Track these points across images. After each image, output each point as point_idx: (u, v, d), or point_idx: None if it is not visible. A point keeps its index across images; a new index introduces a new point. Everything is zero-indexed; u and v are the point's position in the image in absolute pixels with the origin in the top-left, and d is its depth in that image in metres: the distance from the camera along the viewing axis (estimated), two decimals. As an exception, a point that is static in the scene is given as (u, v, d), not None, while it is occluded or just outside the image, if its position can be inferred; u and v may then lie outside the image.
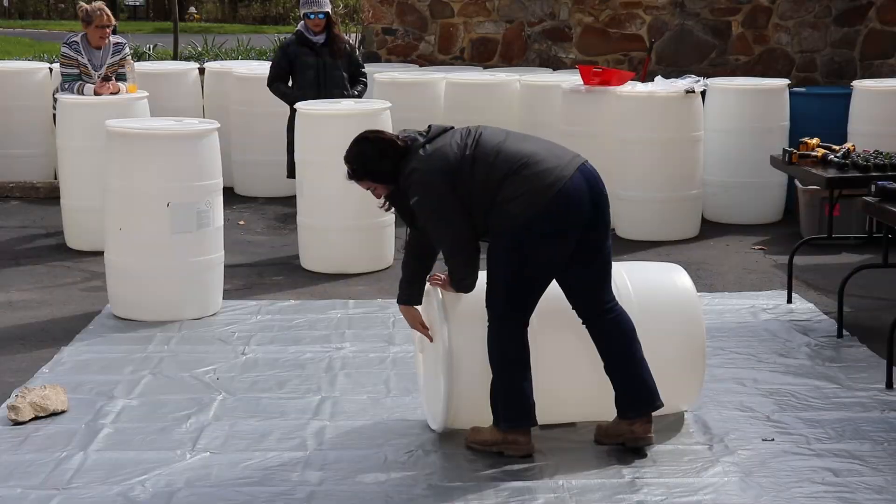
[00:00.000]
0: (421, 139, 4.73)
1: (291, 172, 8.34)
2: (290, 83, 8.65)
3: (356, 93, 8.68)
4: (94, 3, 8.45)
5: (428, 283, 4.96)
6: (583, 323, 4.76)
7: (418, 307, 4.93)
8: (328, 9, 8.65)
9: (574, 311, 4.76)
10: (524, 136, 4.85)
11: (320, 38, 8.60)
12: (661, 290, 4.99)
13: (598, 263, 4.72)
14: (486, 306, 4.68)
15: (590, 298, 4.74)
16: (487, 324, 4.68)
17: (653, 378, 4.74)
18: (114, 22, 8.52)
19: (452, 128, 4.83)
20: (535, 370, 4.74)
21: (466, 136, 4.72)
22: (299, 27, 8.73)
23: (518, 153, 4.65)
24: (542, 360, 4.76)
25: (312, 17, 8.56)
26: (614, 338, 4.74)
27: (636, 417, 4.73)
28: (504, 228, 4.61)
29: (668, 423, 5.02)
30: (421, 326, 4.95)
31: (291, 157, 8.31)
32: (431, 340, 4.94)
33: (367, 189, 4.89)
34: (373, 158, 4.77)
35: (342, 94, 8.51)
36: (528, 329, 4.71)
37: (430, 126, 4.82)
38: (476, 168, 4.63)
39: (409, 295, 4.92)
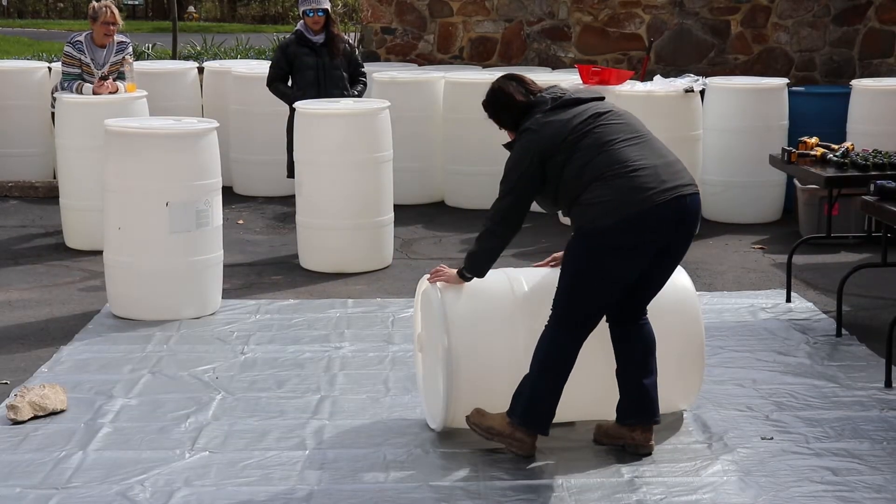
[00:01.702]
0: (549, 104, 4.75)
1: (291, 172, 8.33)
2: (289, 83, 8.64)
3: (356, 93, 8.64)
4: (102, 1, 8.46)
5: (426, 282, 4.96)
6: (611, 323, 4.76)
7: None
8: (327, 6, 8.61)
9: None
10: (646, 142, 4.71)
11: (320, 38, 8.55)
12: (661, 290, 4.98)
13: (655, 283, 4.73)
14: (552, 306, 4.68)
15: (632, 306, 4.74)
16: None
17: (657, 394, 4.75)
18: (119, 21, 8.52)
19: (582, 101, 4.76)
20: (534, 369, 4.75)
21: (584, 122, 4.67)
22: (299, 27, 8.68)
23: (620, 159, 4.58)
24: (542, 359, 4.76)
25: (311, 14, 8.51)
26: (637, 346, 4.75)
27: (636, 425, 4.74)
28: (578, 230, 4.62)
29: (668, 422, 5.02)
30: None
31: (291, 156, 8.30)
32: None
33: (500, 128, 5.03)
34: (497, 106, 4.93)
35: (342, 94, 8.49)
36: (530, 331, 4.71)
37: (559, 95, 4.79)
38: (574, 158, 4.61)
39: (484, 271, 4.85)
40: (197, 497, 4.39)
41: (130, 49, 8.72)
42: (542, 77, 9.96)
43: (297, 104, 7.92)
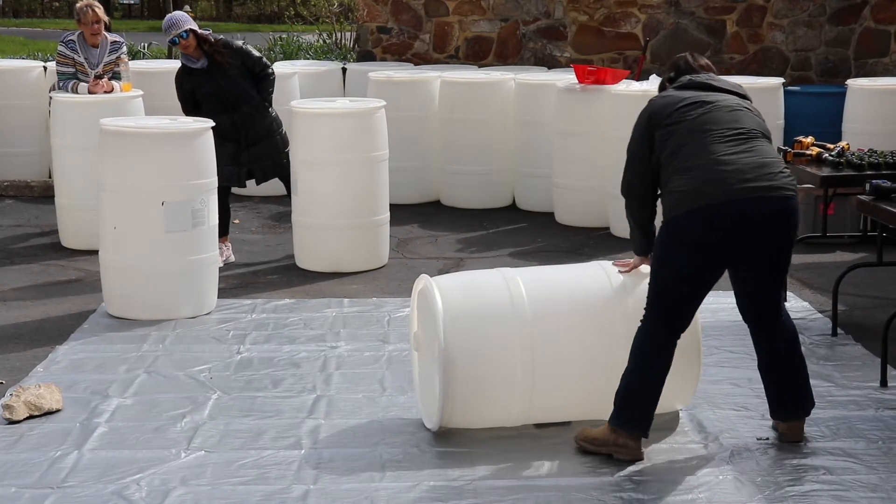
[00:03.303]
0: (679, 82, 4.80)
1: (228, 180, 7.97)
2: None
3: (265, 95, 8.05)
4: (82, 2, 8.44)
5: (422, 281, 4.96)
6: (746, 322, 4.82)
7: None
8: (189, 25, 7.88)
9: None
10: (748, 140, 4.60)
11: (203, 63, 7.92)
12: (656, 288, 4.98)
13: (758, 289, 4.70)
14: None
15: (753, 310, 4.75)
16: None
17: (804, 389, 4.80)
18: (103, 18, 8.49)
19: (711, 88, 4.75)
20: (531, 369, 4.75)
21: (692, 105, 4.65)
22: (181, 57, 8.09)
23: (708, 150, 4.53)
24: (539, 359, 4.77)
25: (177, 41, 7.89)
26: (774, 345, 4.77)
27: (781, 420, 4.82)
28: (664, 218, 4.64)
29: (664, 421, 5.03)
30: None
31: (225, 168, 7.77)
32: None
33: None
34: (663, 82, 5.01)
35: (255, 106, 7.98)
36: (527, 326, 4.72)
37: (708, 78, 4.82)
38: (669, 140, 4.61)
39: (651, 244, 4.85)
40: (193, 496, 4.38)
41: (125, 48, 8.71)
42: (538, 76, 9.98)
43: (293, 103, 7.88)
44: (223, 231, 7.95)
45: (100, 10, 8.45)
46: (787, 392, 4.79)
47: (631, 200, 4.86)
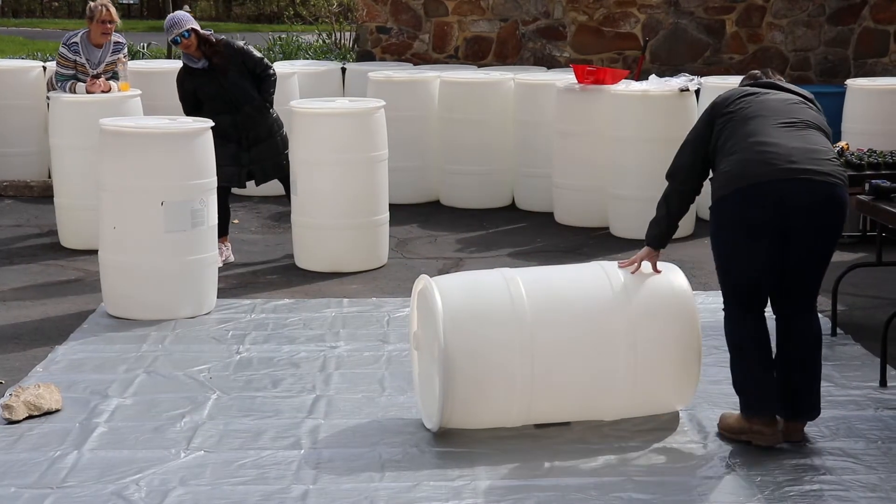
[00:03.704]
0: (748, 82, 4.93)
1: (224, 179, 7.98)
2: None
3: (267, 95, 8.05)
4: (98, 0, 8.43)
5: (422, 281, 4.96)
6: (774, 313, 4.85)
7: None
8: (191, 25, 7.84)
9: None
10: (798, 128, 4.65)
11: (203, 63, 7.91)
12: (657, 288, 4.99)
13: (797, 273, 4.71)
14: None
15: (786, 295, 4.77)
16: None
17: (813, 392, 4.81)
18: (117, 20, 8.49)
19: (776, 87, 4.86)
20: (531, 369, 4.75)
21: (750, 94, 4.76)
22: (182, 57, 8.07)
23: (755, 133, 4.60)
24: (539, 359, 4.77)
25: (179, 41, 7.86)
26: (796, 344, 4.78)
27: (786, 420, 4.81)
28: (712, 200, 4.71)
29: (662, 421, 5.03)
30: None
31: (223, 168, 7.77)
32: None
33: None
34: None
35: (256, 107, 7.97)
36: (527, 327, 4.72)
37: (765, 80, 4.92)
38: (726, 127, 4.71)
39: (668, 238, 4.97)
40: (192, 496, 4.38)
41: (126, 49, 8.71)
42: (538, 76, 9.98)
43: (293, 103, 7.87)
44: (223, 231, 7.95)
45: (114, 11, 8.44)
46: (802, 393, 4.79)
47: (674, 184, 4.92)
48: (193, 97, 7.98)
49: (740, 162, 4.57)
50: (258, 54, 8.20)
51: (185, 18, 7.94)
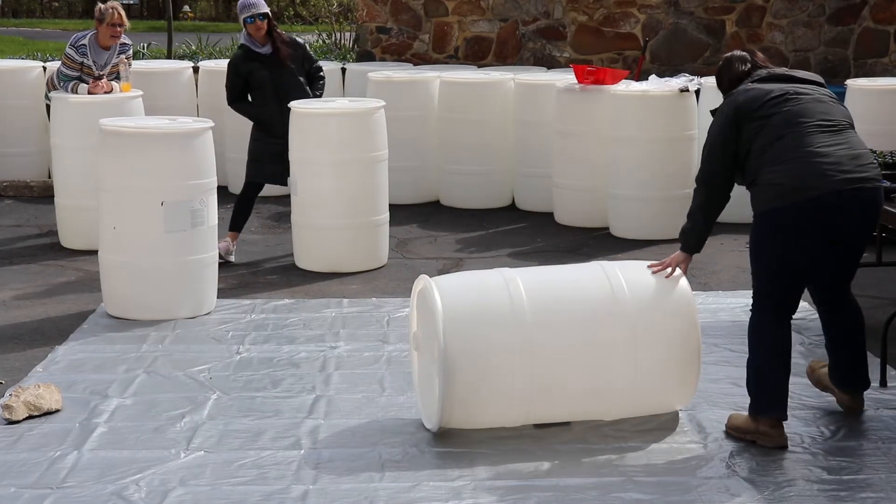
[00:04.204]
0: (763, 75, 4.89)
1: (253, 176, 8.14)
2: (248, 97, 8.23)
3: (317, 93, 8.27)
4: (108, 3, 8.43)
5: (422, 282, 4.96)
6: (815, 304, 5.01)
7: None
8: (267, 9, 8.08)
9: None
10: (839, 131, 4.75)
11: (267, 49, 8.08)
12: (657, 288, 4.99)
13: (841, 272, 4.90)
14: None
15: (828, 291, 4.94)
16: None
17: (865, 365, 5.06)
18: (126, 23, 8.47)
19: (794, 79, 4.88)
20: (530, 369, 4.75)
21: (781, 96, 4.76)
22: (243, 39, 8.18)
23: (805, 143, 4.66)
24: (539, 359, 4.77)
25: (252, 21, 8.00)
26: (841, 326, 4.99)
27: (844, 392, 5.07)
28: (756, 210, 4.76)
29: (663, 421, 5.03)
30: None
31: (248, 162, 8.13)
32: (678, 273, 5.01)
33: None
34: (720, 71, 5.11)
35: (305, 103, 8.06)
36: (527, 327, 4.72)
37: (786, 70, 4.96)
38: (763, 132, 4.71)
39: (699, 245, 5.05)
40: (192, 497, 4.38)
41: (131, 51, 8.71)
42: (537, 76, 9.98)
43: (292, 103, 7.89)
44: (237, 228, 8.01)
45: (123, 14, 8.44)
46: (858, 366, 5.02)
47: (710, 191, 4.93)
48: (244, 84, 8.10)
49: (794, 173, 4.63)
50: (314, 56, 8.43)
51: (262, 2, 8.10)
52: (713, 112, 5.04)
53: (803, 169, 4.62)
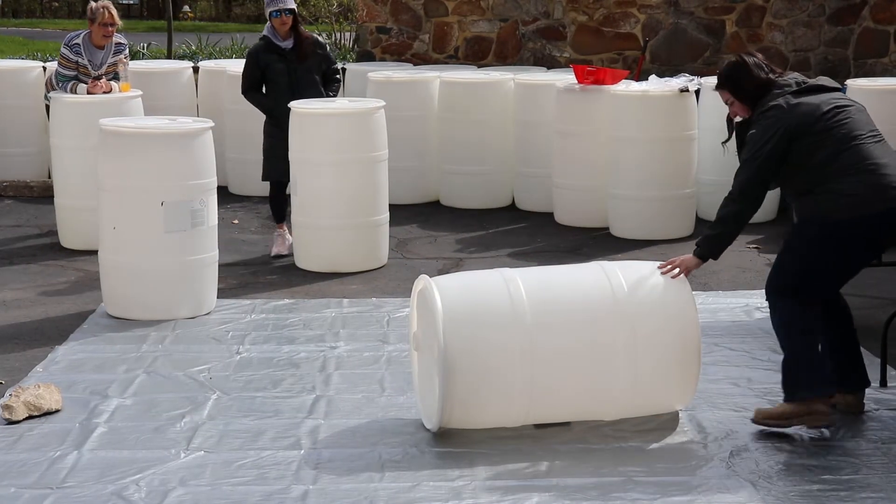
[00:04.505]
0: (794, 87, 4.92)
1: (267, 175, 8.24)
2: (263, 89, 8.32)
3: (331, 93, 8.32)
4: (99, 2, 8.43)
5: (421, 282, 4.96)
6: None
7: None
8: (293, 5, 8.16)
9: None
10: (883, 141, 4.93)
11: (288, 43, 8.14)
12: (656, 288, 4.99)
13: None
14: (770, 283, 4.91)
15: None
16: (769, 301, 4.91)
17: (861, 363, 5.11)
18: (118, 21, 8.48)
19: (825, 89, 4.94)
20: (530, 369, 4.75)
21: (834, 111, 4.84)
22: (266, 31, 8.26)
23: (867, 155, 4.79)
24: (539, 359, 4.77)
25: (277, 15, 8.07)
26: (836, 322, 5.06)
27: (844, 392, 5.05)
28: (813, 218, 4.80)
29: (663, 421, 5.03)
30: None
31: (266, 160, 8.21)
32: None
33: (725, 101, 5.11)
34: (738, 77, 5.03)
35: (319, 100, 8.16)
36: (527, 327, 4.73)
37: (804, 81, 4.99)
38: (824, 146, 4.77)
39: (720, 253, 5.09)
40: (192, 497, 4.38)
41: (127, 50, 8.71)
42: (537, 76, 9.98)
43: (292, 103, 7.89)
44: (282, 219, 8.18)
45: (115, 13, 8.44)
46: (857, 366, 5.08)
47: (749, 202, 4.94)
48: (261, 75, 8.17)
49: (864, 186, 4.75)
50: (333, 56, 8.57)
51: None
52: (741, 123, 5.04)
53: (874, 181, 4.75)
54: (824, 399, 4.85)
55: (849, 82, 9.67)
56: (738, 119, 5.13)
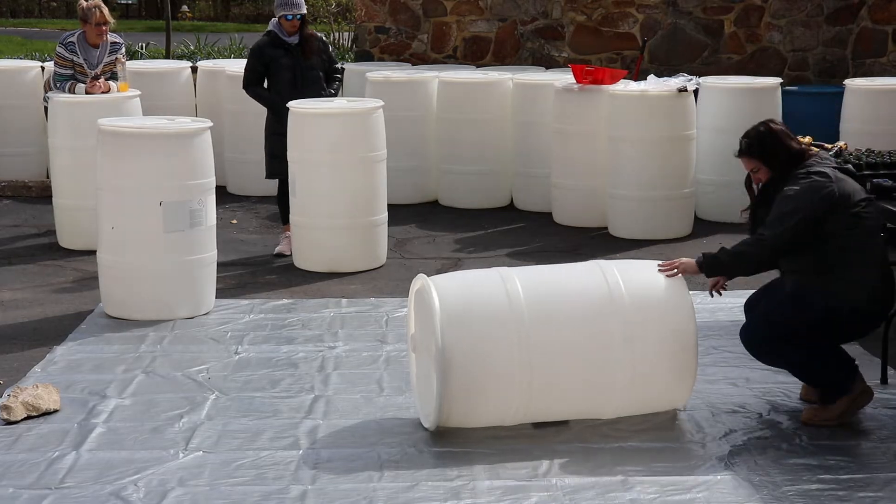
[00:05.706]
0: (832, 162, 5.05)
1: (270, 173, 8.27)
2: (265, 84, 8.38)
3: (332, 91, 8.38)
4: (90, 1, 8.42)
5: (419, 281, 4.96)
6: None
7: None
8: (305, 11, 8.31)
9: None
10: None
11: (294, 39, 8.27)
12: (654, 288, 4.99)
13: None
14: (762, 335, 5.06)
15: None
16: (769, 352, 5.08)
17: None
18: (110, 20, 8.48)
19: (852, 175, 5.05)
20: (530, 369, 4.75)
21: (866, 202, 4.99)
22: (272, 27, 8.36)
23: (883, 259, 5.03)
24: (536, 357, 4.77)
25: (290, 18, 8.19)
26: None
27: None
28: (826, 294, 4.93)
29: (661, 421, 5.03)
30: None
31: (270, 158, 8.25)
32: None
33: (750, 169, 5.20)
34: (770, 145, 5.09)
35: (318, 94, 8.24)
36: (524, 325, 4.74)
37: (832, 159, 5.16)
38: (855, 231, 4.93)
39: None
40: (191, 497, 4.38)
41: (123, 49, 8.70)
42: (536, 76, 9.98)
43: (291, 103, 7.89)
44: (289, 219, 8.14)
45: (107, 12, 8.44)
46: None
47: (775, 255, 5.02)
48: (265, 69, 8.24)
49: (873, 287, 4.95)
50: (335, 55, 8.65)
51: (303, 3, 8.31)
52: (770, 184, 5.09)
53: (880, 284, 4.96)
54: (860, 381, 5.01)
55: (847, 82, 9.67)
56: (760, 185, 5.20)
